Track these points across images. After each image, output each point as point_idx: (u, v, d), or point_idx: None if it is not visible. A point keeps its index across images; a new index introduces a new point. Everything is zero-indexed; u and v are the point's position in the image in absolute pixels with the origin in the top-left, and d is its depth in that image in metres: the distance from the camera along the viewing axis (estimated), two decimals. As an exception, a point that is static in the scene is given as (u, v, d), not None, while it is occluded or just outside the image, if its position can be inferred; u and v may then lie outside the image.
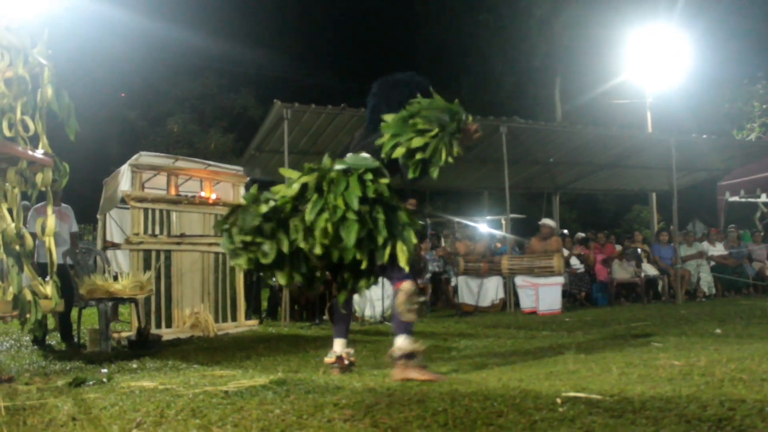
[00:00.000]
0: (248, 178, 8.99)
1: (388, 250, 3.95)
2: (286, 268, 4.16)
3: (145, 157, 8.12)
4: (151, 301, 7.42)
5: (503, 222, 13.46)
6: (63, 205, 7.32)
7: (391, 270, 4.16)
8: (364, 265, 4.02)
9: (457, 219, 14.30)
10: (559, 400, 3.11)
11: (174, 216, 7.83)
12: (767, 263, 13.41)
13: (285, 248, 3.98)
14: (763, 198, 17.22)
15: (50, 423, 3.09)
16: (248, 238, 4.05)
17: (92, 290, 6.36)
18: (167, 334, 7.29)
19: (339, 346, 4.56)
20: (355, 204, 3.84)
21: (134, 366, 5.17)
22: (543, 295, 9.65)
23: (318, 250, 3.91)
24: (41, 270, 5.23)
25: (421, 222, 11.76)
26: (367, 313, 9.05)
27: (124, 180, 7.85)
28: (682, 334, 6.23)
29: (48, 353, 6.39)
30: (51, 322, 7.82)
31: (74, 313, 7.32)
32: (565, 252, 10.97)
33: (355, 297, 8.97)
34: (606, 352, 5.02)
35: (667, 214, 16.98)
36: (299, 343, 6.63)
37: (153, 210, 7.61)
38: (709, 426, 2.61)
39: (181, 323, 7.67)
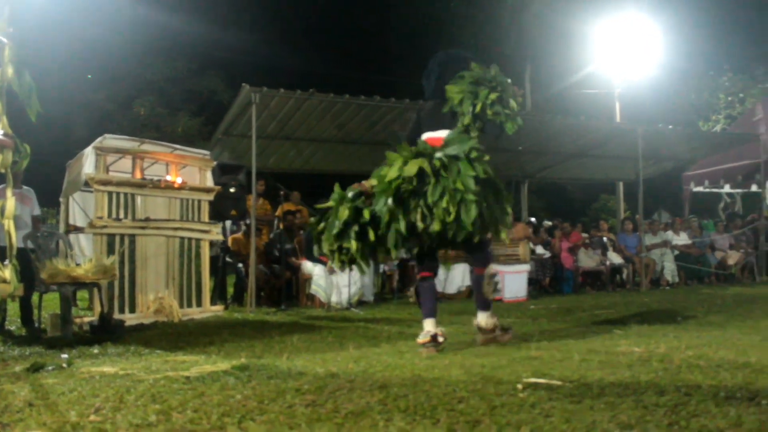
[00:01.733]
0: (215, 163, 8.92)
1: (494, 228, 4.58)
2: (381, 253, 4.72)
3: (110, 140, 8.01)
4: (115, 286, 7.33)
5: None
6: (24, 187, 7.18)
7: (479, 251, 4.86)
8: (476, 240, 4.51)
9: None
10: (520, 386, 3.16)
11: (139, 200, 7.73)
12: (729, 253, 13.63)
13: (403, 228, 4.44)
14: (727, 188, 17.45)
15: (6, 409, 3.05)
16: (334, 246, 4.69)
17: (54, 275, 6.27)
18: (131, 319, 7.21)
19: (431, 324, 4.78)
20: (472, 185, 4.27)
21: (95, 351, 5.11)
22: (508, 282, 9.70)
23: (437, 227, 4.31)
24: (0, 254, 5.14)
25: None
26: (334, 299, 9.05)
27: (87, 163, 7.73)
28: (644, 321, 6.31)
29: (7, 339, 6.30)
30: (14, 308, 7.70)
31: (35, 298, 7.22)
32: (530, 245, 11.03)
33: (323, 283, 9.05)
34: (569, 339, 5.07)
35: (634, 204, 17.14)
36: (264, 329, 6.61)
37: (117, 193, 7.51)
38: (665, 411, 2.65)
39: (145, 308, 7.59)
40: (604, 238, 12.46)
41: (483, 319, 4.90)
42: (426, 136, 4.92)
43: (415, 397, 3.01)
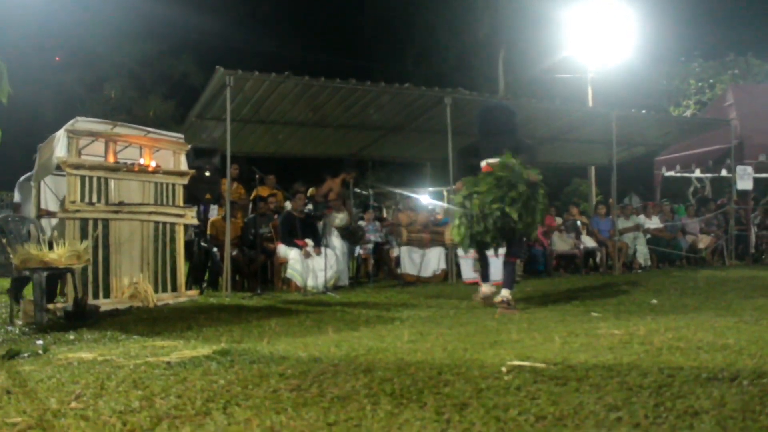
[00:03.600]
0: (189, 146, 8.81)
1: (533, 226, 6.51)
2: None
3: (82, 123, 7.85)
4: (89, 272, 7.23)
5: (445, 193, 13.52)
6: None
7: (517, 244, 6.69)
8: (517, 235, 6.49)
9: (399, 190, 14.27)
10: (504, 369, 3.15)
11: (112, 184, 7.60)
12: (699, 236, 13.81)
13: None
14: (698, 173, 17.68)
15: (-17, 396, 2.99)
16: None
17: (26, 260, 6.17)
18: (105, 304, 7.11)
19: (487, 287, 6.84)
20: (540, 198, 6.43)
21: (71, 338, 5.03)
22: (471, 265, 9.77)
23: (515, 215, 6.15)
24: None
25: (363, 193, 11.72)
26: (310, 283, 9.01)
27: (59, 146, 7.58)
28: (620, 304, 6.37)
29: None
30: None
31: (6, 283, 7.10)
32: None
33: (298, 267, 9.02)
34: (548, 321, 5.10)
35: (606, 188, 17.31)
36: (241, 313, 6.55)
37: (90, 177, 7.38)
38: (649, 392, 2.67)
39: (120, 294, 7.49)
40: (578, 222, 12.54)
41: (503, 292, 6.29)
42: (485, 162, 6.58)
43: (401, 381, 3.00)
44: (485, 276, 6.94)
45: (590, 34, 23.39)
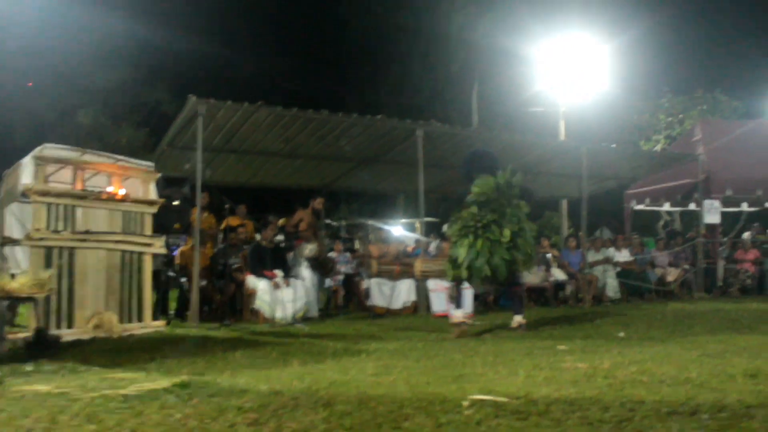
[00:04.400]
0: (159, 174, 8.74)
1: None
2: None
3: (50, 149, 7.77)
4: (52, 301, 7.10)
5: (417, 225, 13.53)
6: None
7: (516, 275, 7.34)
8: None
9: (370, 221, 14.29)
10: (465, 403, 3.13)
11: (79, 212, 7.51)
12: (668, 269, 13.90)
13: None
14: (666, 207, 17.84)
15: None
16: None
17: (-13, 288, 6.04)
18: (68, 335, 6.98)
19: (461, 313, 7.31)
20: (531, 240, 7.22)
21: (29, 369, 4.91)
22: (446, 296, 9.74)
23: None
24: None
25: (334, 224, 11.70)
26: (278, 315, 8.93)
27: (26, 173, 7.49)
28: (587, 337, 6.38)
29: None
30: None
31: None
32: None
33: (267, 299, 8.94)
34: (514, 354, 5.08)
35: (577, 221, 17.40)
36: (207, 344, 6.47)
37: (57, 205, 7.28)
38: (610, 427, 2.67)
39: (84, 324, 7.37)
40: (548, 255, 12.58)
41: (516, 318, 7.34)
42: None
43: (361, 415, 2.97)
44: (460, 303, 7.41)
45: (563, 69, 23.71)
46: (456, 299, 7.34)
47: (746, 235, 15.31)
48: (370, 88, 28.87)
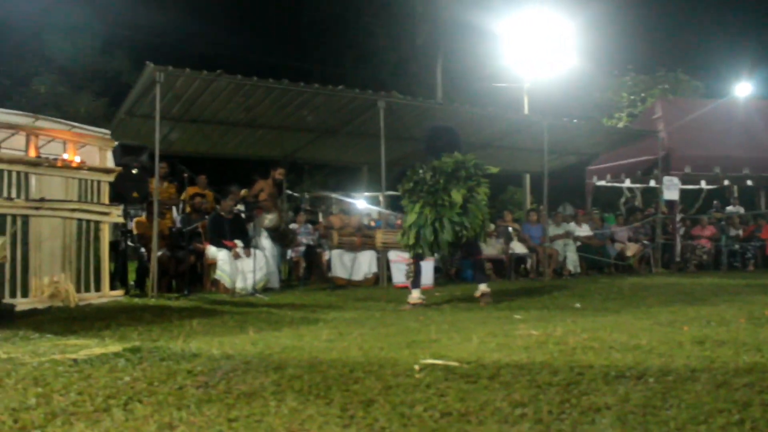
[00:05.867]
0: (116, 143, 8.60)
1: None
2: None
3: (1, 115, 7.60)
4: (6, 269, 6.97)
5: (380, 198, 13.51)
6: None
7: (472, 245, 7.36)
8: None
9: (333, 194, 14.22)
10: (417, 367, 3.14)
11: (33, 179, 7.36)
12: (627, 244, 14.08)
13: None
14: (627, 183, 18.05)
15: None
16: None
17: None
18: (23, 304, 6.86)
19: (417, 293, 7.11)
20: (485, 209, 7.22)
21: (-21, 336, 4.83)
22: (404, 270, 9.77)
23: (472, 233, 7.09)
24: None
25: (297, 195, 11.65)
26: (239, 285, 8.86)
27: (-23, 139, 7.33)
28: (543, 308, 6.44)
29: None
30: None
31: None
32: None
33: (227, 269, 8.89)
34: (469, 323, 5.12)
35: (540, 196, 17.52)
36: (164, 313, 6.41)
37: (9, 172, 7.12)
38: (557, 390, 2.69)
39: (39, 293, 7.25)
40: (509, 228, 12.66)
41: (481, 287, 7.13)
42: None
43: (311, 378, 2.96)
44: (417, 282, 7.22)
45: (528, 45, 23.78)
46: (414, 277, 7.25)
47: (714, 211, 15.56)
48: (333, 61, 28.65)
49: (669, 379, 2.82)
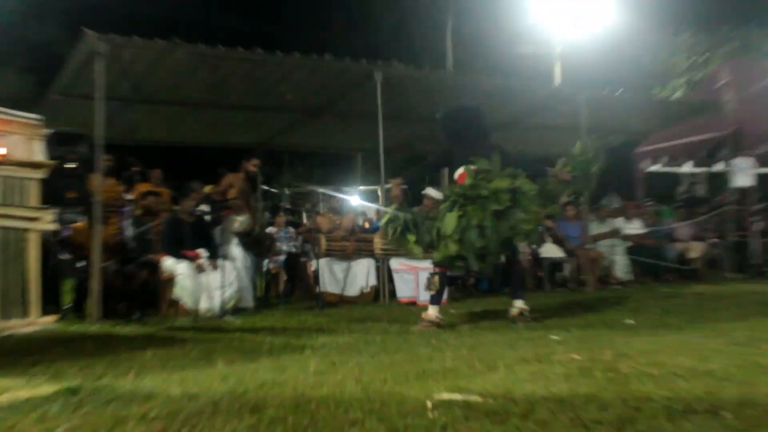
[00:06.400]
0: (48, 131, 8.56)
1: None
2: None
3: None
4: None
5: (379, 192, 13.49)
6: None
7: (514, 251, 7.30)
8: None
9: (320, 189, 14.24)
10: (429, 404, 3.12)
11: (-57, 178, 7.36)
12: (691, 244, 14.00)
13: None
14: (688, 167, 17.93)
15: None
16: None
17: None
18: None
19: (435, 311, 7.11)
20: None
21: None
22: (424, 280, 9.72)
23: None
24: None
25: (275, 191, 11.64)
26: (203, 305, 8.83)
27: None
28: (587, 325, 6.42)
29: None
30: None
31: None
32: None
33: (189, 285, 8.87)
34: (494, 346, 5.10)
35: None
36: (110, 344, 6.42)
37: None
38: (607, 429, 2.66)
39: (-49, 320, 7.23)
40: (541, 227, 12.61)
41: (521, 304, 7.15)
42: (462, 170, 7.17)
43: (296, 421, 2.94)
44: (438, 298, 7.24)
45: (558, 1, 23.75)
46: (437, 291, 7.21)
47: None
48: (317, 25, 28.71)
49: (750, 413, 2.80)
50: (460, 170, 7.19)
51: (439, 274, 7.17)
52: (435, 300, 7.15)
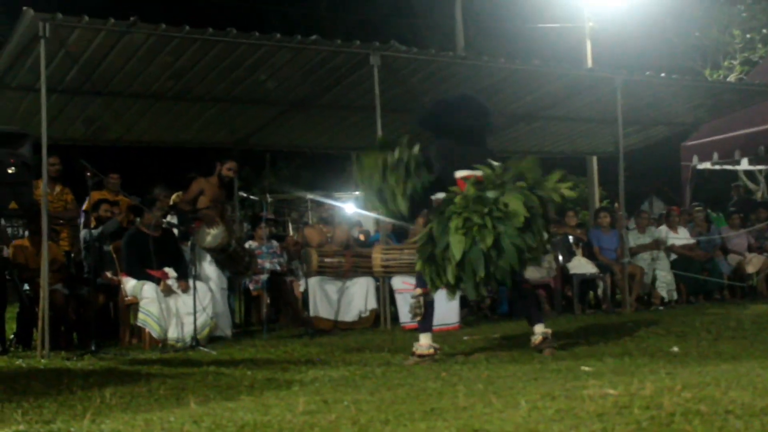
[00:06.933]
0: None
1: None
2: None
3: None
4: None
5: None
6: None
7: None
8: None
9: (308, 195, 14.26)
10: (438, 449, 3.15)
11: None
12: (748, 256, 13.97)
13: None
14: (744, 165, 17.86)
15: None
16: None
17: None
18: None
19: (427, 340, 6.98)
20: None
21: None
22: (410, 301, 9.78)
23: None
24: None
25: (255, 199, 11.68)
26: (172, 334, 8.90)
27: None
28: (624, 354, 6.45)
29: None
30: None
31: None
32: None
33: (154, 311, 8.92)
34: (514, 380, 5.12)
35: (614, 189, 17.53)
36: (63, 380, 6.43)
37: None
38: (647, 476, 2.68)
39: None
40: (570, 237, 12.59)
41: (542, 329, 7.14)
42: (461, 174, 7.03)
43: (282, 470, 2.98)
44: (428, 324, 7.12)
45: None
46: (424, 317, 7.08)
47: None
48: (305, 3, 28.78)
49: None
50: (458, 174, 7.03)
51: (422, 295, 7.02)
52: (424, 326, 7.04)
